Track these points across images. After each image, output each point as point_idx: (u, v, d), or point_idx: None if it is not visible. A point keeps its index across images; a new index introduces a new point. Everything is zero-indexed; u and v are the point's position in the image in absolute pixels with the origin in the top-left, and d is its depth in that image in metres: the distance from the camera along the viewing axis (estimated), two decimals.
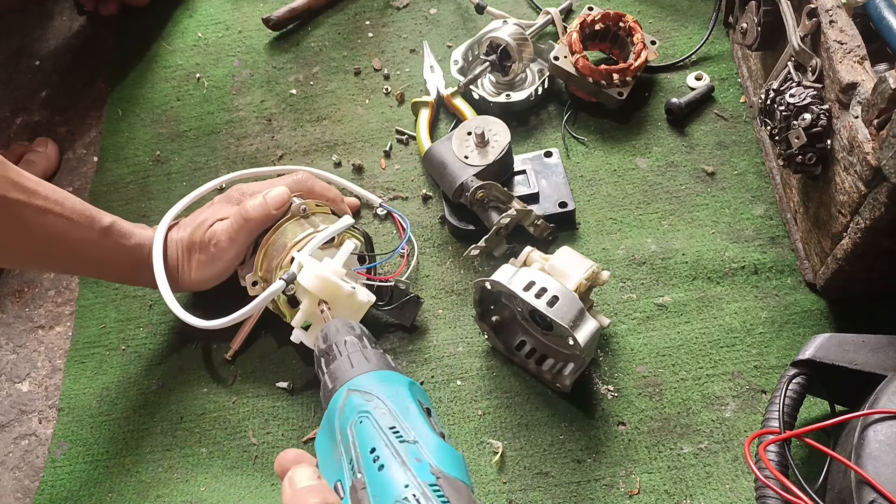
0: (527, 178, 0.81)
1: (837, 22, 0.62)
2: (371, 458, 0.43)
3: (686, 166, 0.83)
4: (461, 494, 0.42)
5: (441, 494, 0.41)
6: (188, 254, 0.72)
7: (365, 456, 0.44)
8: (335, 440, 0.46)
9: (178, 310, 0.69)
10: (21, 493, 0.73)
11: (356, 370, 0.49)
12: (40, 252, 0.68)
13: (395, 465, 0.43)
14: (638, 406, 0.69)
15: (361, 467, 0.43)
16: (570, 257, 0.68)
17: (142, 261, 0.72)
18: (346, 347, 0.51)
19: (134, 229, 0.73)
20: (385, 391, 0.47)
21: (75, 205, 0.68)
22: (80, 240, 0.68)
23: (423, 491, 0.41)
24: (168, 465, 0.72)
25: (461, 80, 0.86)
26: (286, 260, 0.70)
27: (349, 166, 0.88)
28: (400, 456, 0.43)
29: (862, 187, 0.59)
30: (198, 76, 0.98)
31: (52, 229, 0.66)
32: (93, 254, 0.70)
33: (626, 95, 0.84)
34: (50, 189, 0.66)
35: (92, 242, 0.69)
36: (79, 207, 0.68)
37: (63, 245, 0.68)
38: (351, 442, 0.45)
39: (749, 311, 0.73)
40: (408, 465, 0.43)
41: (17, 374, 0.80)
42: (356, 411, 0.46)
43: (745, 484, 0.65)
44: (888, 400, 0.52)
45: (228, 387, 0.75)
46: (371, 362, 0.50)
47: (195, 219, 0.74)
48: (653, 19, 0.94)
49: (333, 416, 0.47)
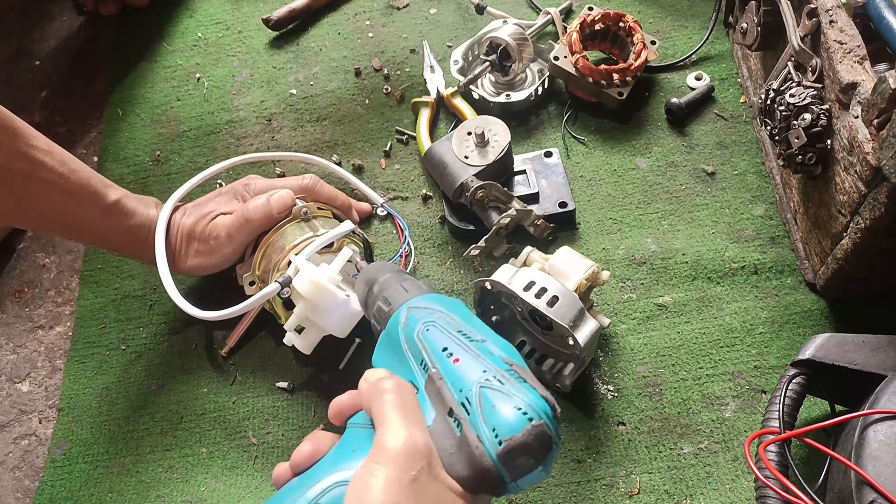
0: (527, 178, 0.81)
1: (837, 22, 0.62)
2: (444, 354, 0.46)
3: (686, 166, 0.83)
4: (533, 378, 0.45)
5: (518, 376, 0.45)
6: (187, 241, 0.73)
7: (437, 354, 0.47)
8: (399, 350, 0.49)
9: (176, 297, 0.70)
10: (21, 493, 0.73)
11: (411, 293, 0.53)
12: (37, 222, 0.70)
13: (470, 358, 0.46)
14: (638, 406, 0.69)
15: (435, 363, 0.46)
16: (570, 257, 0.68)
17: (141, 239, 0.73)
18: (395, 278, 0.55)
19: (139, 207, 0.73)
20: (445, 305, 0.51)
21: (81, 178, 0.68)
22: (80, 216, 0.69)
23: (502, 373, 0.45)
24: (168, 465, 0.72)
25: (461, 80, 0.86)
26: (283, 262, 0.70)
27: (349, 166, 0.88)
28: (472, 350, 0.46)
29: (862, 187, 0.59)
30: (198, 76, 0.98)
31: (52, 203, 0.66)
32: (91, 230, 0.71)
33: (626, 95, 0.84)
34: (59, 160, 0.66)
35: (91, 220, 0.69)
36: (84, 182, 0.68)
37: (62, 219, 0.68)
38: (420, 346, 0.48)
39: (749, 311, 0.73)
40: (481, 356, 0.46)
41: (17, 374, 0.80)
42: (421, 321, 0.49)
43: (745, 484, 0.65)
44: (888, 400, 0.52)
45: (228, 387, 0.75)
46: (422, 288, 0.54)
47: (200, 208, 0.74)
48: (653, 19, 0.94)
49: (396, 331, 0.50)
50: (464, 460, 0.43)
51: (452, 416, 0.44)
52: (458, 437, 0.43)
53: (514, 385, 0.44)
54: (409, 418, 0.43)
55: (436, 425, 0.44)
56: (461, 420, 0.43)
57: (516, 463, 0.42)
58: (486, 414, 0.43)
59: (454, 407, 0.44)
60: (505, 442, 0.42)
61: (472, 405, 0.43)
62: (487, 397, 0.43)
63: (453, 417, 0.44)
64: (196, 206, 0.75)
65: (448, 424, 0.44)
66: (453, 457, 0.43)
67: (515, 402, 0.43)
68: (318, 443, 0.48)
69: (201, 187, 0.79)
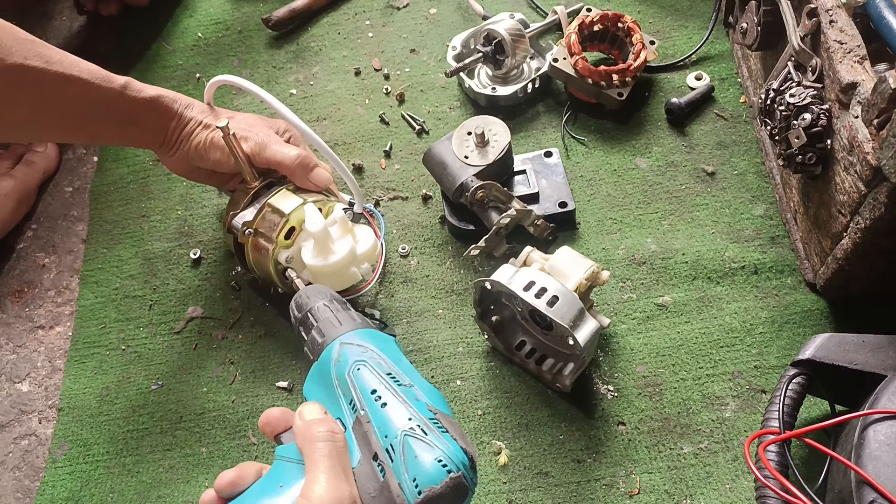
0: (527, 178, 0.81)
1: (837, 22, 0.62)
2: (373, 398, 0.49)
3: (686, 166, 0.83)
4: (455, 427, 0.49)
5: (440, 425, 0.48)
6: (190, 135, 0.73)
7: (366, 396, 0.49)
8: (330, 386, 0.51)
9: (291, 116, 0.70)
10: (21, 493, 0.73)
11: (344, 327, 0.54)
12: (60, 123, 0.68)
13: (397, 403, 0.48)
14: (638, 406, 0.69)
15: (364, 406, 0.49)
16: (570, 257, 0.68)
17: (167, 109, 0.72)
18: (329, 307, 0.56)
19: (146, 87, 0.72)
20: (376, 344, 0.53)
21: (90, 66, 0.68)
22: (101, 101, 0.68)
23: (426, 422, 0.47)
24: (168, 465, 0.72)
25: (453, 65, 0.86)
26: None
27: (349, 166, 0.88)
28: (400, 395, 0.49)
29: (862, 187, 0.59)
30: (198, 76, 0.98)
31: (72, 93, 0.66)
32: (115, 114, 0.70)
33: (625, 96, 0.84)
34: (62, 53, 0.66)
35: (112, 102, 0.69)
36: (93, 68, 0.68)
37: (85, 110, 0.68)
38: (350, 385, 0.50)
39: (749, 311, 0.73)
40: (408, 402, 0.49)
41: (17, 374, 0.80)
42: (352, 360, 0.51)
43: (745, 484, 0.65)
44: (888, 400, 0.52)
45: (228, 386, 0.75)
46: (356, 321, 0.55)
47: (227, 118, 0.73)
48: (653, 19, 0.94)
49: (328, 366, 0.52)
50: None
51: (377, 461, 0.47)
52: (381, 483, 0.46)
53: (436, 435, 0.47)
54: (336, 472, 0.46)
55: (361, 467, 0.47)
56: (385, 466, 0.46)
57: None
58: (409, 463, 0.46)
59: (379, 452, 0.47)
60: (424, 493, 0.45)
61: (396, 453, 0.46)
62: (410, 446, 0.46)
63: (377, 462, 0.47)
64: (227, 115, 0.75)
65: (372, 468, 0.47)
66: (375, 500, 0.46)
67: (436, 454, 0.46)
68: (244, 470, 0.50)
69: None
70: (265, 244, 0.71)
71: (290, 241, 0.72)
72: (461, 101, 0.91)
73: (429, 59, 0.95)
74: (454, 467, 0.46)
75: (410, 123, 0.90)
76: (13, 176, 0.88)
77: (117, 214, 0.88)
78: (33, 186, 0.90)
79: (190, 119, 0.73)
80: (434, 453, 0.46)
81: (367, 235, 0.74)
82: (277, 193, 0.72)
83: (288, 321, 0.78)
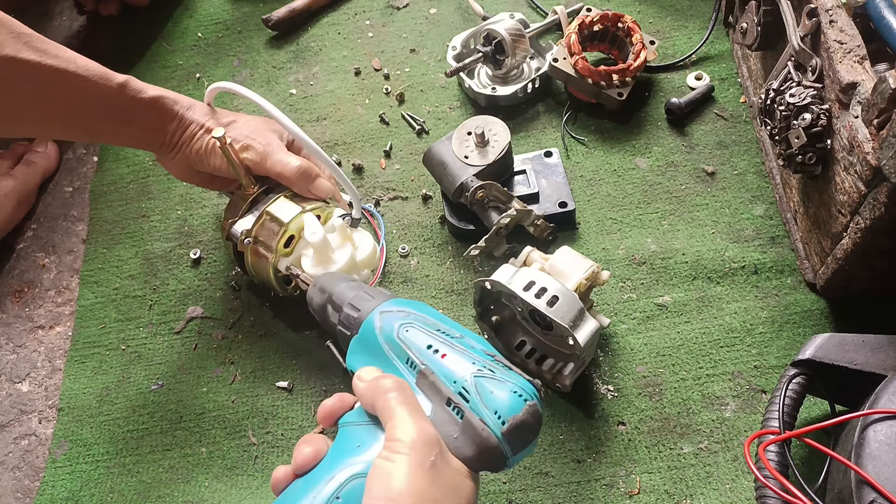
0: (527, 178, 0.81)
1: (837, 22, 0.62)
2: (430, 352, 0.51)
3: (686, 166, 0.83)
4: (514, 367, 0.51)
5: (503, 365, 0.51)
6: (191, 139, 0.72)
7: (423, 352, 0.51)
8: (379, 352, 0.53)
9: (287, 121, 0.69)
10: (21, 493, 0.73)
11: (378, 299, 0.55)
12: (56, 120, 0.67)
13: (455, 353, 0.51)
14: (638, 406, 0.69)
15: (423, 361, 0.51)
16: (570, 257, 0.68)
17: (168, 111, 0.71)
18: (353, 286, 0.58)
19: (147, 87, 0.71)
20: (415, 308, 0.55)
21: (87, 62, 0.67)
22: (97, 98, 0.67)
23: (489, 363, 0.50)
24: (168, 465, 0.72)
25: (453, 65, 0.86)
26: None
27: (349, 166, 0.88)
28: (456, 346, 0.51)
29: (862, 187, 0.59)
30: (198, 76, 0.98)
31: (68, 88, 0.65)
32: (112, 113, 0.68)
33: (625, 96, 0.84)
34: (58, 48, 0.65)
35: (110, 100, 0.68)
36: (91, 64, 0.67)
37: (81, 107, 0.67)
38: (403, 346, 0.52)
39: (749, 311, 0.73)
40: (466, 350, 0.51)
41: (17, 374, 0.80)
42: (397, 324, 0.53)
43: (745, 484, 0.65)
44: (888, 400, 0.52)
45: (228, 386, 0.75)
46: (386, 294, 0.57)
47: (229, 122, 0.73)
48: (653, 19, 0.94)
49: (372, 335, 0.53)
50: (469, 442, 0.47)
51: (451, 405, 0.49)
52: (462, 423, 0.48)
53: (503, 372, 0.50)
54: (415, 412, 0.47)
55: (435, 415, 0.49)
56: (461, 408, 0.48)
57: (518, 438, 0.48)
58: (486, 400, 0.48)
59: (452, 397, 0.49)
60: (508, 421, 0.47)
61: (471, 394, 0.48)
62: (483, 385, 0.48)
63: (452, 406, 0.49)
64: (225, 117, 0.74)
65: (448, 413, 0.48)
66: (458, 440, 0.48)
67: (510, 387, 0.49)
68: (316, 444, 0.50)
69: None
70: (265, 252, 0.71)
71: (289, 250, 0.72)
72: (461, 101, 0.91)
73: (429, 59, 0.95)
74: (529, 396, 0.49)
75: (410, 123, 0.90)
76: (13, 176, 0.88)
77: (117, 214, 0.88)
78: (33, 186, 0.90)
79: (191, 122, 0.72)
80: (508, 387, 0.48)
81: (366, 241, 0.74)
82: (276, 201, 0.72)
83: (288, 321, 0.78)
